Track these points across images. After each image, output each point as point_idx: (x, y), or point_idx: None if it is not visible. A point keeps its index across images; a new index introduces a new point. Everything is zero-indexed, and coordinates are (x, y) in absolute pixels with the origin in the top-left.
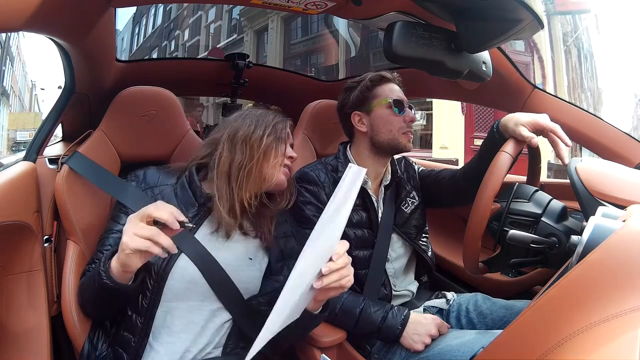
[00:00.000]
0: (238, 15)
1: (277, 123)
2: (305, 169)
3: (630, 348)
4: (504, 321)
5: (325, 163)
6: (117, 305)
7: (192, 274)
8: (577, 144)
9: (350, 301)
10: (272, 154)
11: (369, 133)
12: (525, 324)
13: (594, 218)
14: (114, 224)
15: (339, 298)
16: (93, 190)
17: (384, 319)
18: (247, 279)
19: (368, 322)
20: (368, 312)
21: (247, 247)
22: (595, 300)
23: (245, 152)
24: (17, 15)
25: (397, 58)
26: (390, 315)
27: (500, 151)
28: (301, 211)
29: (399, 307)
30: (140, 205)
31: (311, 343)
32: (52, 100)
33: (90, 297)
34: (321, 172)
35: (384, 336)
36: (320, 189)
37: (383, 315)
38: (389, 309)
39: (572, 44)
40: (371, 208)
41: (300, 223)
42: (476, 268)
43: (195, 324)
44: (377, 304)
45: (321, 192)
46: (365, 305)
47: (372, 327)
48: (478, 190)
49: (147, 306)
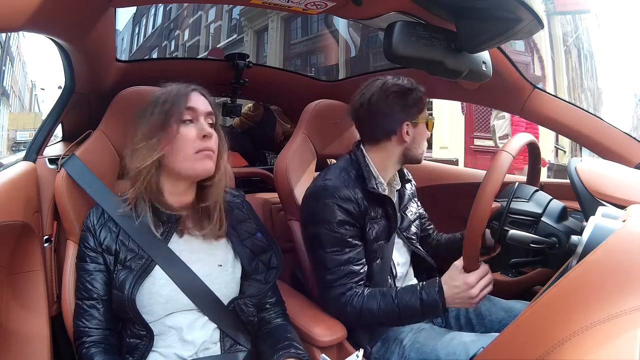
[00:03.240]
0: (238, 15)
1: (167, 99)
2: (338, 184)
3: (630, 348)
4: (503, 323)
5: (346, 169)
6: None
7: (169, 293)
8: (577, 144)
9: (385, 301)
10: (176, 145)
11: (408, 145)
12: (525, 324)
13: (594, 218)
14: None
15: (375, 303)
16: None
17: (421, 301)
18: (219, 286)
19: (410, 311)
20: (404, 302)
21: (214, 254)
22: (595, 300)
23: (152, 155)
24: (17, 15)
25: (397, 58)
26: (425, 295)
27: (501, 150)
28: (334, 231)
29: (428, 283)
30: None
31: (311, 342)
32: (52, 100)
33: None
34: (352, 184)
35: (430, 316)
36: (356, 207)
37: (419, 297)
38: (421, 290)
39: (572, 44)
40: (392, 217)
41: (337, 245)
42: (476, 267)
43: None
44: (407, 291)
45: (357, 209)
46: (400, 296)
47: (416, 313)
48: (478, 189)
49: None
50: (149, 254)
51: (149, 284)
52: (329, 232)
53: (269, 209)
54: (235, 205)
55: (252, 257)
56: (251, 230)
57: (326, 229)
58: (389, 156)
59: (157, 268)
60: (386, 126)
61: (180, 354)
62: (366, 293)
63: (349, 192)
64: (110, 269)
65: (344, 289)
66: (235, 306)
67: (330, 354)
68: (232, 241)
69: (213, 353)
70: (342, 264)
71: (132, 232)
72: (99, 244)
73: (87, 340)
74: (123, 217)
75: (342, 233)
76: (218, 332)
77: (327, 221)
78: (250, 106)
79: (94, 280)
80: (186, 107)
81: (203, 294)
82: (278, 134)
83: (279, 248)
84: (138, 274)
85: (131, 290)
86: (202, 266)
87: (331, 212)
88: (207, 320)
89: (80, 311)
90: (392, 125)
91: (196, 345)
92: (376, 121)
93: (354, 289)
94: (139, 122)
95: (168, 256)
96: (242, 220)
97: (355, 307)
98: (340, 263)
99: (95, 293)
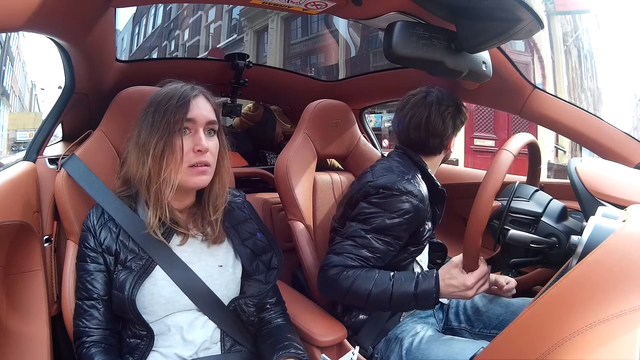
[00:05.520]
0: (238, 15)
1: (168, 108)
2: (412, 183)
3: (630, 348)
4: (500, 319)
5: (413, 170)
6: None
7: (170, 293)
8: (577, 144)
9: (381, 278)
10: (173, 157)
11: (448, 153)
12: (525, 324)
13: (594, 218)
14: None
15: (371, 278)
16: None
17: (417, 286)
18: (220, 287)
19: (403, 294)
20: (399, 282)
21: (215, 254)
22: (595, 300)
23: (147, 163)
24: (17, 15)
25: (397, 58)
26: (422, 281)
27: (501, 149)
28: (389, 225)
29: (427, 271)
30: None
31: (311, 342)
32: (52, 100)
33: None
34: (423, 185)
35: (421, 306)
36: (425, 207)
37: (415, 282)
38: (418, 276)
39: (572, 44)
40: (437, 217)
41: (374, 230)
42: (476, 267)
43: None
44: (406, 275)
45: (423, 210)
46: (396, 277)
47: (409, 298)
48: (479, 188)
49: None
50: (149, 254)
51: (150, 284)
52: (386, 221)
53: (269, 209)
54: (236, 205)
55: (253, 257)
56: (252, 231)
57: (386, 218)
58: (436, 163)
59: (158, 268)
60: (443, 143)
61: (181, 354)
62: (364, 270)
63: (421, 192)
64: (110, 269)
65: (349, 262)
66: (235, 306)
67: (330, 354)
68: (232, 241)
69: (213, 353)
70: (366, 246)
71: (133, 232)
72: (99, 244)
73: (87, 340)
74: (123, 217)
75: (395, 230)
76: (218, 332)
77: (394, 214)
78: (250, 106)
79: (94, 281)
80: (186, 118)
81: (204, 295)
82: (278, 134)
83: (279, 248)
84: (138, 275)
85: (131, 291)
86: (203, 267)
87: (404, 211)
88: (207, 319)
89: (80, 311)
90: (446, 141)
91: (196, 345)
92: (433, 140)
93: (356, 269)
94: (140, 123)
95: (169, 257)
96: (243, 221)
97: (348, 278)
98: (366, 246)
99: (96, 293)
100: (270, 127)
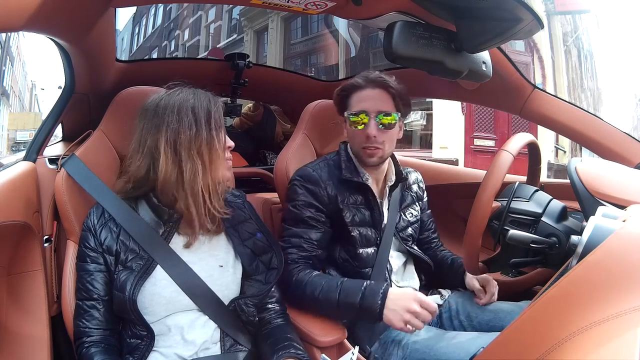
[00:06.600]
0: (238, 15)
1: (210, 110)
2: (308, 168)
3: (630, 348)
4: (490, 325)
5: (328, 159)
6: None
7: (171, 294)
8: (577, 144)
9: (328, 283)
10: (218, 153)
11: (349, 141)
12: (525, 324)
13: (594, 218)
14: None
15: (320, 283)
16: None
17: (362, 297)
18: (220, 287)
19: (348, 303)
20: (346, 291)
21: (215, 254)
22: (595, 300)
23: (196, 161)
24: (17, 15)
25: (397, 58)
26: (369, 292)
27: (501, 149)
28: (300, 213)
29: (377, 282)
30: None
31: (311, 342)
32: (52, 100)
33: None
34: (323, 170)
35: (366, 315)
36: (322, 190)
37: (362, 291)
38: (367, 285)
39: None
40: (375, 207)
41: (296, 222)
42: (476, 267)
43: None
44: (355, 282)
45: (323, 192)
46: (344, 285)
47: (353, 308)
48: (479, 188)
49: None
50: (150, 254)
51: (150, 284)
52: (291, 209)
53: (269, 209)
54: (236, 205)
55: (253, 257)
56: (252, 231)
57: (292, 210)
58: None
59: (158, 268)
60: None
61: (181, 354)
62: (315, 273)
63: (316, 175)
64: (110, 269)
65: (290, 257)
66: (235, 306)
67: (330, 354)
68: (233, 241)
69: (213, 353)
70: (293, 235)
71: (133, 232)
72: (99, 244)
73: (87, 340)
74: (124, 217)
75: (301, 212)
76: (219, 332)
77: (294, 203)
78: (250, 106)
79: (94, 281)
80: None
81: (204, 295)
82: (278, 134)
83: (279, 248)
84: (139, 275)
85: (132, 291)
86: (203, 267)
87: (299, 194)
88: (208, 319)
89: (80, 311)
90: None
91: (196, 345)
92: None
93: (299, 263)
94: (166, 127)
95: (169, 256)
96: (243, 221)
97: (299, 281)
98: (292, 235)
99: (96, 293)
100: (270, 127)
